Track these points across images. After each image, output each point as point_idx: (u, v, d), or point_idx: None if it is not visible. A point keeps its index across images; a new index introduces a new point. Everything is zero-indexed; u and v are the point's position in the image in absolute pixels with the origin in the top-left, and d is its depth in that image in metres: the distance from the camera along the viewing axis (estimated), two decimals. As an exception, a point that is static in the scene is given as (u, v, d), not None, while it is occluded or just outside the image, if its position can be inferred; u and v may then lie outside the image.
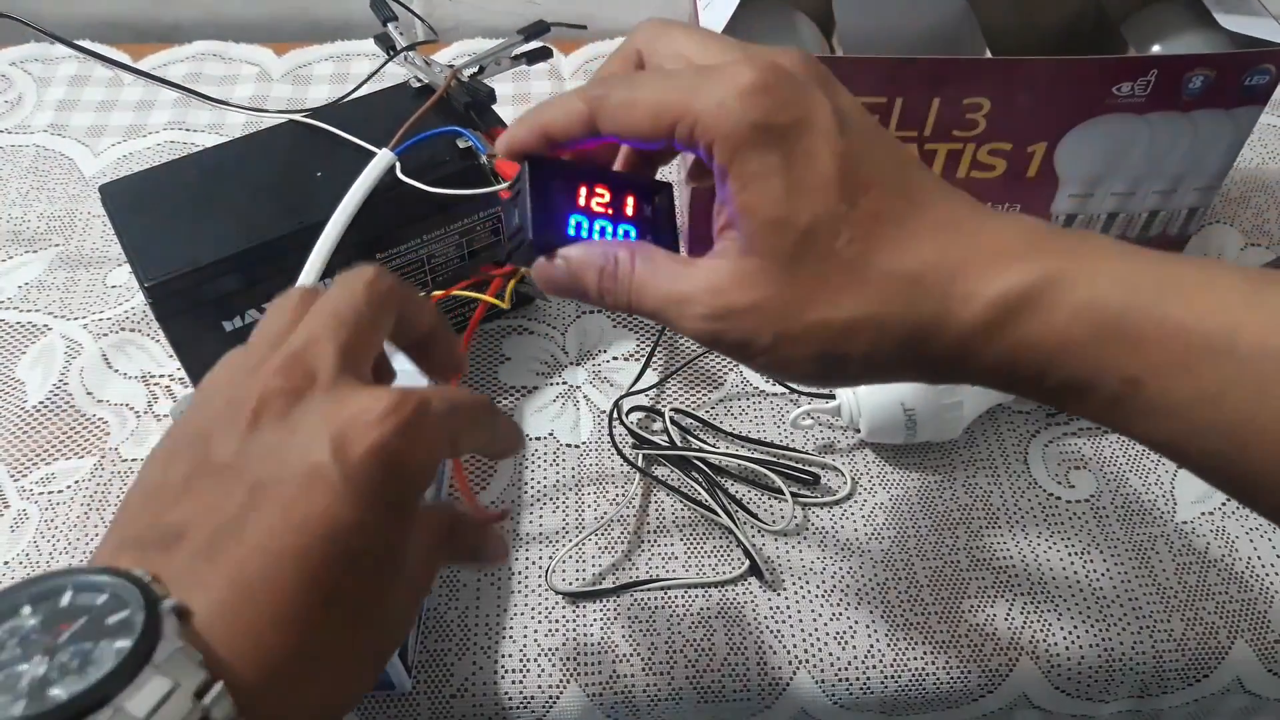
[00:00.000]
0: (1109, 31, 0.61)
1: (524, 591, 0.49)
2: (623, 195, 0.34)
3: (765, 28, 0.59)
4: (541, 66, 0.66)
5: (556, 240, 0.33)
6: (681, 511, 0.52)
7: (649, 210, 0.34)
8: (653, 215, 0.34)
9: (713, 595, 0.49)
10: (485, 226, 0.54)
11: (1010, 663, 0.47)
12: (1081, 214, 0.62)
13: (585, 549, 0.51)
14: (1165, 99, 0.55)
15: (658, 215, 0.34)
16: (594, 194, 0.33)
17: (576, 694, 0.46)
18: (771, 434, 0.55)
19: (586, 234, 0.33)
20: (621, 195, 0.34)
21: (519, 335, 0.60)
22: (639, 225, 0.34)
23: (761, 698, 0.46)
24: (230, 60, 0.79)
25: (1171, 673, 0.48)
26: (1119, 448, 0.55)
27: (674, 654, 0.47)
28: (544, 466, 0.54)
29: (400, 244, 0.52)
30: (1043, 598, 0.49)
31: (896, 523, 0.52)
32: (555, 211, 0.33)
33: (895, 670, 0.47)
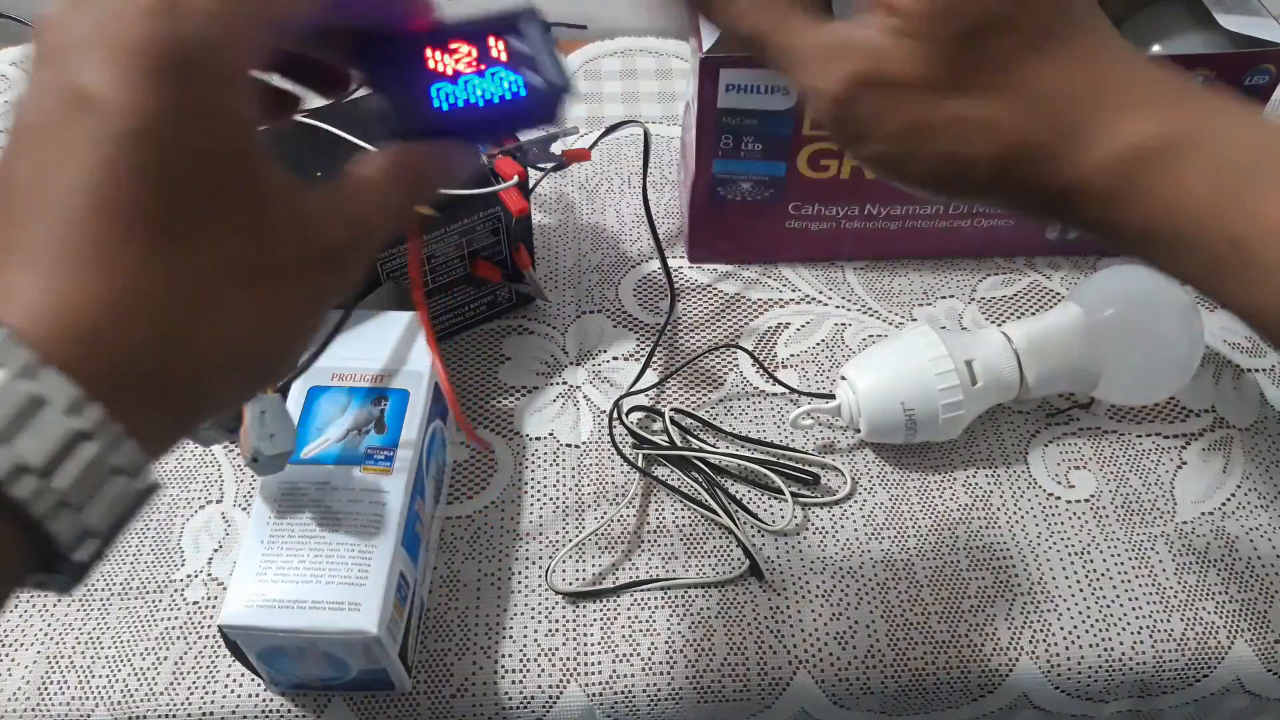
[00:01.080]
0: (1109, 31, 0.61)
1: (524, 591, 0.49)
2: (484, 40, 0.30)
3: (765, 28, 0.59)
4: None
5: (423, 122, 0.30)
6: (681, 511, 0.52)
7: (519, 42, 0.31)
8: (525, 45, 0.31)
9: (712, 595, 0.49)
10: (485, 226, 0.55)
11: (1010, 663, 0.47)
12: (1081, 214, 0.62)
13: (585, 549, 0.51)
14: (1165, 99, 0.55)
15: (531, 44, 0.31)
16: (450, 53, 0.30)
17: (576, 694, 0.46)
18: (771, 434, 0.55)
19: (459, 101, 0.30)
20: (483, 40, 0.30)
21: (519, 335, 0.60)
22: (514, 67, 0.30)
23: (761, 698, 0.46)
24: (230, 60, 0.79)
25: (1171, 673, 0.48)
26: (1119, 448, 0.55)
27: (674, 654, 0.47)
28: (544, 466, 0.54)
29: (400, 244, 0.52)
30: (1043, 598, 0.49)
31: (896, 523, 0.52)
32: (413, 90, 0.29)
33: (895, 670, 0.47)
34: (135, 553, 0.50)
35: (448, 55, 0.30)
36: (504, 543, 0.51)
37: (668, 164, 0.70)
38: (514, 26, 0.31)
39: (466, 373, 0.58)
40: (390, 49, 0.30)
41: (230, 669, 0.46)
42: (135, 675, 0.46)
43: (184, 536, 0.51)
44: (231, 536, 0.51)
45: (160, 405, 0.23)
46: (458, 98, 0.30)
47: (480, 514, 0.52)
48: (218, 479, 0.53)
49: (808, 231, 0.62)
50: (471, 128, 0.31)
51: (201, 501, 0.52)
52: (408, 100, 0.30)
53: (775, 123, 0.56)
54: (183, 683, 0.46)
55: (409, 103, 0.30)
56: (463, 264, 0.55)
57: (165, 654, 0.47)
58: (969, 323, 0.61)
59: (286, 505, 0.43)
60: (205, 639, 0.47)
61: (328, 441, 0.45)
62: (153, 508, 0.52)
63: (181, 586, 0.49)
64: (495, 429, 0.55)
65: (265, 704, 0.45)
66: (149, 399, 0.23)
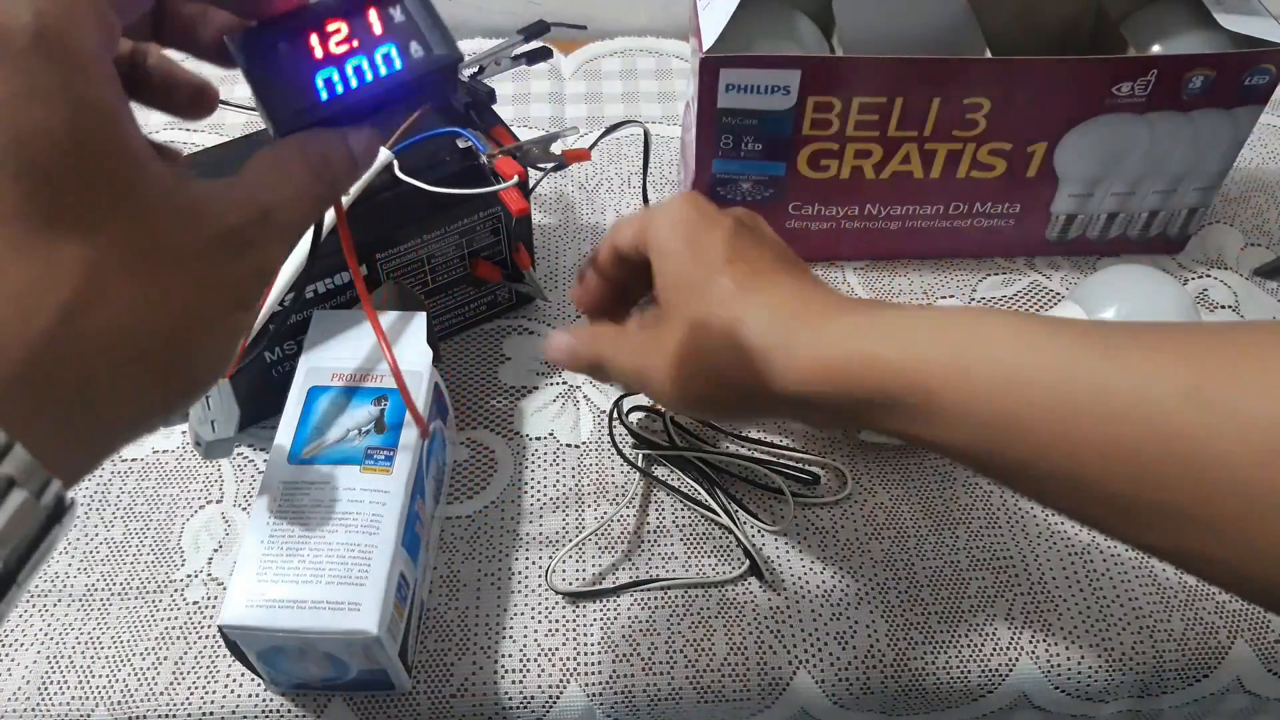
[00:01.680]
0: (1109, 31, 0.61)
1: (524, 591, 0.49)
2: (361, 15, 0.29)
3: (765, 28, 0.59)
4: (541, 66, 0.66)
5: (311, 114, 0.28)
6: (681, 511, 0.52)
7: (398, 12, 0.29)
8: (406, 16, 0.29)
9: (712, 595, 0.49)
10: (485, 226, 0.54)
11: (1010, 663, 0.47)
12: (1081, 214, 0.62)
13: (585, 549, 0.51)
14: (1165, 99, 0.55)
15: (411, 13, 0.29)
16: (328, 35, 0.28)
17: (576, 694, 0.46)
18: (772, 434, 0.55)
19: (344, 86, 0.28)
20: (360, 16, 0.29)
21: (519, 335, 0.60)
22: (397, 39, 0.29)
23: (761, 698, 0.46)
24: (230, 60, 0.79)
25: (1171, 673, 0.48)
26: (1119, 448, 0.55)
27: (674, 654, 0.47)
28: (544, 466, 0.54)
29: (400, 244, 0.52)
30: (1043, 598, 0.49)
31: (896, 523, 0.52)
32: (295, 80, 0.28)
33: (895, 670, 0.47)
34: (135, 553, 0.50)
35: (326, 37, 0.28)
36: (504, 543, 0.51)
37: (668, 164, 0.70)
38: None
39: (466, 373, 0.58)
40: (263, 38, 0.29)
41: (230, 669, 0.46)
42: (135, 675, 0.46)
43: (184, 536, 0.51)
44: (231, 536, 0.51)
45: (51, 407, 0.22)
46: (342, 83, 0.28)
47: (480, 514, 0.52)
48: (218, 479, 0.53)
49: (808, 231, 0.62)
50: (361, 113, 0.29)
51: (201, 501, 0.52)
52: (290, 94, 0.28)
53: (775, 123, 0.56)
54: (183, 683, 0.46)
55: (292, 97, 0.28)
56: (463, 264, 0.55)
57: (165, 654, 0.47)
58: (969, 323, 0.61)
59: (286, 505, 0.43)
60: (205, 639, 0.47)
61: (327, 442, 0.45)
62: (153, 508, 0.52)
63: (181, 586, 0.49)
64: (495, 429, 0.55)
65: (265, 704, 0.45)
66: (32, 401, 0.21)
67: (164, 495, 0.52)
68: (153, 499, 0.52)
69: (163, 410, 0.25)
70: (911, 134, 0.56)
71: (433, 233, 0.53)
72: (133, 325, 0.23)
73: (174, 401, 0.25)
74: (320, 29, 0.28)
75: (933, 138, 0.56)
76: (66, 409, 0.22)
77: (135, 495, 0.52)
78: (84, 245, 0.22)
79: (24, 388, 0.21)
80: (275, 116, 0.28)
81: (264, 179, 0.27)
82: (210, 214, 0.25)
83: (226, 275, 0.25)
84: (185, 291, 0.24)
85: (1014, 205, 0.61)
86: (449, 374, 0.58)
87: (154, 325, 0.23)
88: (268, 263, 0.27)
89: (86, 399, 0.23)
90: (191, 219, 0.24)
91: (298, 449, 0.45)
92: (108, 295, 0.22)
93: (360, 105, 0.29)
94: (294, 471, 0.44)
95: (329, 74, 0.28)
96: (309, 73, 0.28)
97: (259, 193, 0.26)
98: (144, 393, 0.24)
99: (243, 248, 0.25)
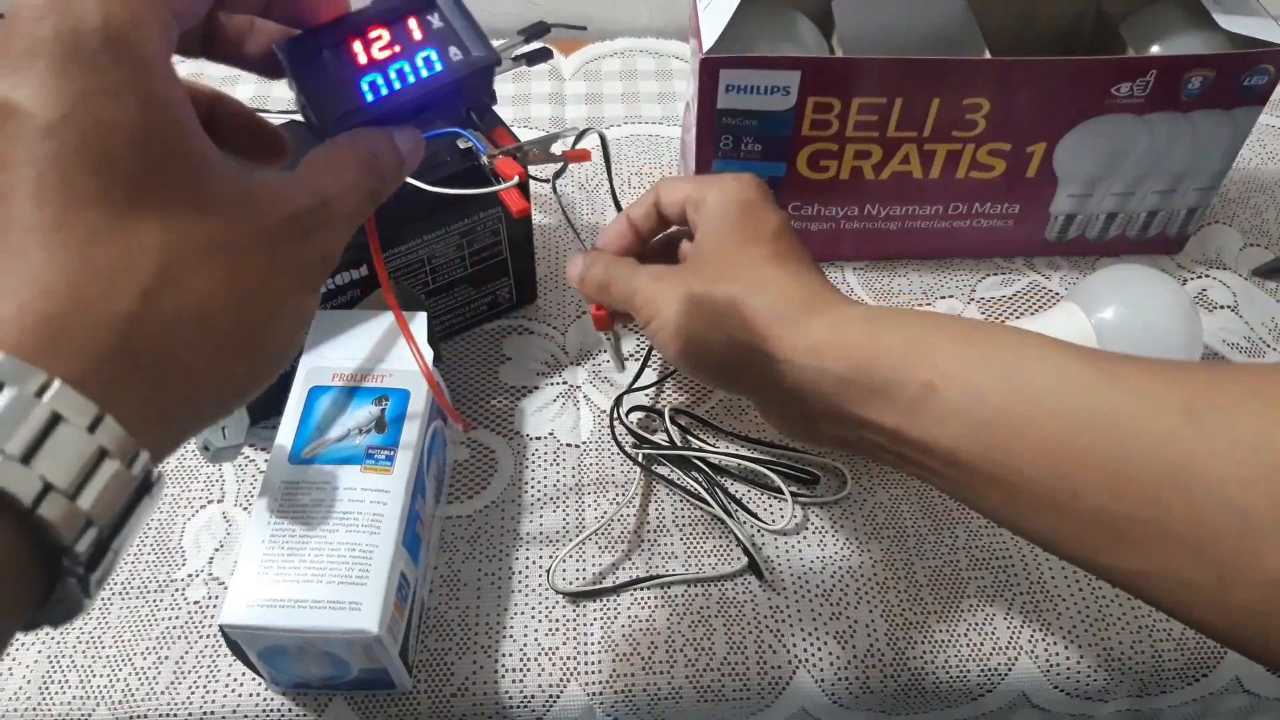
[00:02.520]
0: (1109, 31, 0.61)
1: (524, 591, 0.49)
2: (401, 22, 0.30)
3: (765, 28, 0.59)
4: (541, 67, 0.67)
5: (358, 115, 0.29)
6: (681, 511, 0.52)
7: (435, 18, 0.30)
8: (444, 22, 0.30)
9: (713, 595, 0.49)
10: (485, 226, 0.55)
11: (1010, 662, 0.47)
12: (1080, 214, 0.62)
13: (585, 548, 0.51)
14: (1164, 99, 0.55)
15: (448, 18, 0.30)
16: (370, 42, 0.30)
17: (577, 693, 0.46)
18: (771, 434, 0.55)
19: (387, 89, 0.30)
20: (400, 23, 0.30)
21: (519, 335, 0.60)
22: (436, 44, 0.30)
23: (761, 697, 0.47)
24: (230, 60, 0.79)
25: (1171, 672, 0.48)
26: (1118, 447, 0.55)
27: (674, 653, 0.47)
28: (544, 466, 0.54)
29: (400, 244, 0.52)
30: (1043, 598, 0.49)
31: (896, 523, 0.52)
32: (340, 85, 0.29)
33: (895, 670, 0.47)
34: (136, 552, 0.50)
35: (369, 44, 0.29)
36: (504, 543, 0.51)
37: (668, 164, 0.70)
38: (430, 2, 0.30)
39: (466, 373, 0.58)
40: (308, 46, 0.30)
41: (231, 669, 0.46)
42: (136, 675, 0.46)
43: (185, 536, 0.51)
44: (232, 536, 0.51)
45: (137, 383, 0.23)
46: (386, 86, 0.30)
47: (480, 514, 0.52)
48: (218, 479, 0.53)
49: (807, 231, 0.62)
50: (404, 114, 0.30)
51: (202, 501, 0.52)
52: (337, 98, 0.29)
53: (775, 123, 0.56)
54: (183, 682, 0.46)
55: (339, 101, 0.29)
56: (463, 264, 0.56)
57: (166, 654, 0.47)
58: (968, 323, 0.61)
59: (287, 505, 0.43)
60: (206, 639, 0.47)
61: (328, 441, 0.45)
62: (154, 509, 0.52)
63: (182, 586, 0.49)
64: (495, 429, 0.55)
65: (266, 704, 0.45)
66: (121, 377, 0.22)
67: (165, 495, 0.52)
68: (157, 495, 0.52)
69: (240, 390, 0.26)
70: (911, 134, 0.56)
71: (433, 233, 0.53)
72: (207, 306, 0.24)
73: (250, 381, 0.27)
74: (363, 36, 0.30)
75: (932, 138, 0.57)
76: (151, 385, 0.23)
77: (136, 495, 0.52)
78: (159, 230, 0.23)
79: (112, 364, 0.22)
80: (323, 119, 0.29)
81: (320, 172, 0.28)
82: (273, 202, 0.26)
83: (292, 258, 0.26)
84: (254, 273, 0.25)
85: (1013, 205, 0.61)
86: (450, 374, 0.58)
87: (226, 306, 0.25)
88: (329, 247, 0.28)
89: (169, 375, 0.24)
90: (256, 206, 0.26)
91: (298, 449, 0.45)
92: (183, 277, 0.24)
93: (404, 107, 0.30)
94: (295, 471, 0.44)
95: (373, 78, 0.30)
96: (354, 77, 0.29)
97: (318, 183, 0.28)
98: (221, 371, 0.25)
99: (305, 233, 0.27)
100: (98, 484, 0.22)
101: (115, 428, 0.22)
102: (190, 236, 0.24)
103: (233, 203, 0.25)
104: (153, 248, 0.23)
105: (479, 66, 0.30)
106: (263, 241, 0.26)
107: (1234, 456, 0.29)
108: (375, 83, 0.30)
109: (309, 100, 0.29)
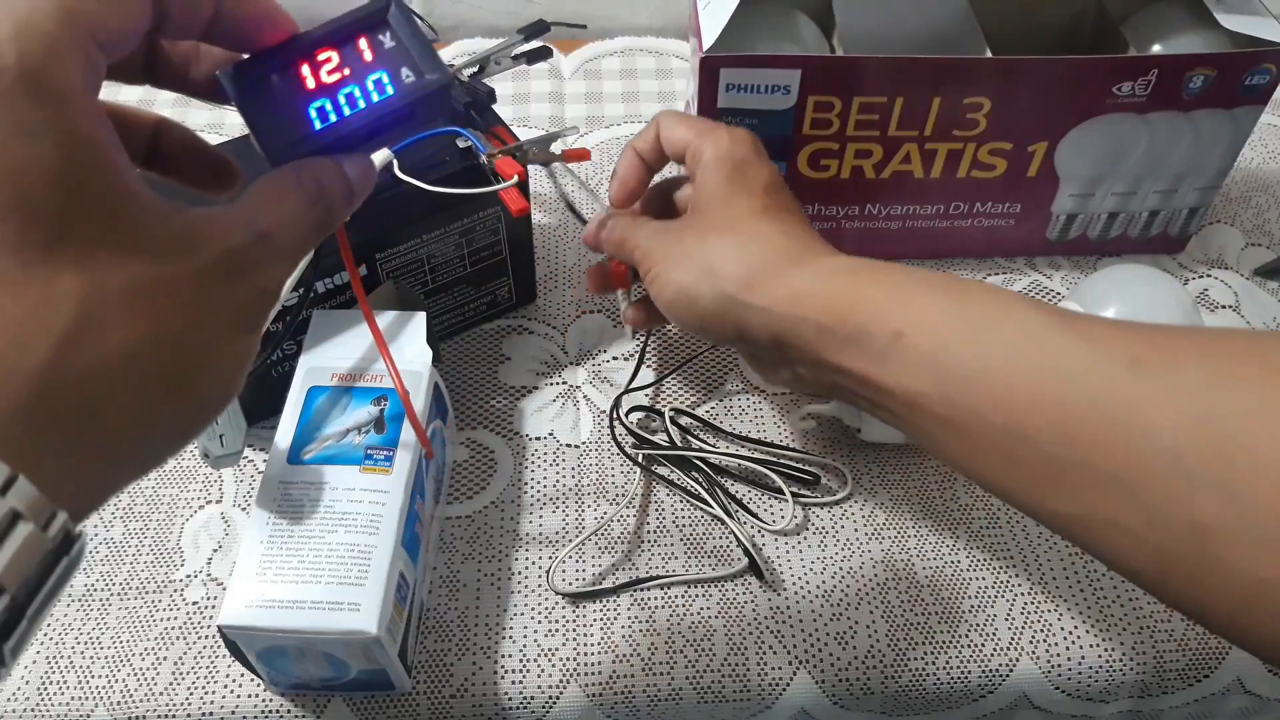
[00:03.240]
0: (1109, 31, 0.61)
1: (524, 592, 0.49)
2: (351, 43, 0.29)
3: (765, 28, 0.59)
4: (541, 66, 0.66)
5: (305, 144, 0.28)
6: (681, 512, 0.52)
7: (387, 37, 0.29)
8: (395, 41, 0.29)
9: (713, 595, 0.49)
10: (485, 226, 0.54)
11: (1010, 663, 0.47)
12: (1082, 213, 0.62)
13: (585, 549, 0.51)
14: (1165, 99, 0.55)
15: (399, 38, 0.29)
16: (318, 65, 0.28)
17: (576, 694, 0.46)
18: (771, 434, 0.55)
19: (336, 115, 0.28)
20: (350, 44, 0.29)
21: (519, 335, 0.60)
22: (388, 66, 0.29)
23: (761, 698, 0.46)
24: (230, 60, 0.79)
25: (1171, 673, 0.48)
26: (1119, 448, 0.55)
27: (674, 654, 0.47)
28: (544, 466, 0.54)
29: (400, 244, 0.52)
30: (1043, 598, 0.49)
31: (896, 523, 0.52)
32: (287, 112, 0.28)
33: (895, 670, 0.47)
34: (135, 553, 0.50)
35: (317, 67, 0.29)
36: (504, 543, 0.51)
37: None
38: (381, 20, 0.29)
39: (466, 373, 0.58)
40: (255, 71, 0.29)
41: (230, 669, 0.46)
42: (135, 675, 0.46)
43: (183, 537, 0.51)
44: (231, 536, 0.51)
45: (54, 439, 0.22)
46: (335, 112, 0.29)
47: (480, 514, 0.52)
48: (217, 479, 0.53)
49: (808, 231, 0.62)
50: (355, 140, 0.29)
51: (201, 501, 0.52)
52: (284, 126, 0.28)
53: (775, 122, 0.55)
54: (182, 683, 0.46)
55: (285, 128, 0.28)
56: (462, 263, 0.55)
57: (165, 654, 0.47)
58: (969, 323, 0.61)
59: (286, 505, 0.43)
60: (205, 639, 0.47)
61: (327, 441, 0.45)
62: (152, 508, 0.52)
63: (181, 587, 0.49)
64: (495, 429, 0.55)
65: (265, 704, 0.45)
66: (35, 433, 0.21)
67: (163, 495, 0.52)
68: (152, 499, 0.52)
69: (171, 439, 0.25)
70: (912, 134, 0.56)
71: (433, 233, 0.53)
72: (133, 352, 0.23)
73: (182, 429, 0.26)
74: (311, 59, 0.29)
75: (933, 137, 0.56)
76: (70, 440, 0.22)
77: (135, 495, 0.52)
78: (79, 276, 0.22)
79: (25, 420, 0.21)
80: (269, 149, 0.28)
81: (260, 204, 0.27)
82: (207, 238, 0.25)
83: (227, 298, 0.25)
84: (185, 316, 0.24)
85: (1014, 205, 0.61)
86: (449, 374, 0.58)
87: (154, 351, 0.23)
88: (269, 285, 0.27)
89: (90, 429, 0.23)
90: (189, 244, 0.24)
91: (297, 449, 0.45)
92: (105, 324, 0.22)
93: (354, 133, 0.29)
94: (293, 471, 0.44)
95: (322, 103, 0.28)
96: (302, 103, 0.28)
97: (256, 217, 0.26)
98: (150, 419, 0.24)
99: (242, 270, 0.26)
100: (9, 549, 0.20)
101: (28, 489, 0.21)
102: (113, 280, 0.23)
103: (162, 241, 0.24)
104: (72, 293, 0.22)
105: (432, 89, 0.29)
106: (194, 281, 0.24)
107: (1173, 404, 0.30)
108: (324, 108, 0.29)
109: (254, 129, 0.29)
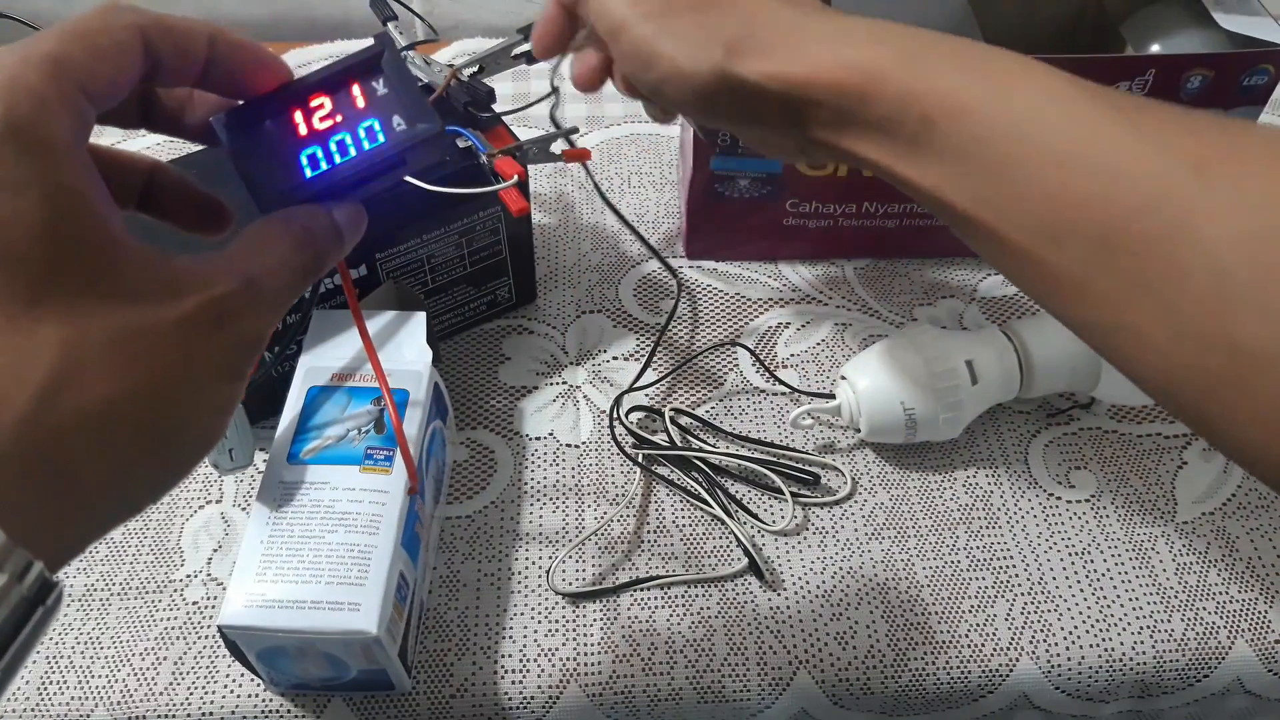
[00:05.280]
0: (1109, 31, 0.61)
1: (524, 592, 0.49)
2: (344, 89, 0.29)
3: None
4: (541, 66, 0.66)
5: (296, 193, 0.28)
6: (682, 511, 0.52)
7: (380, 84, 0.29)
8: (388, 88, 0.29)
9: (713, 595, 0.49)
10: (485, 226, 0.54)
11: (1010, 663, 0.47)
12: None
13: (585, 549, 0.51)
14: (1164, 98, 0.55)
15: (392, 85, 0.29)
16: (311, 111, 0.29)
17: (576, 694, 0.46)
18: (771, 434, 0.55)
19: (328, 163, 0.29)
20: (343, 90, 0.29)
21: (519, 335, 0.60)
22: (380, 114, 0.29)
23: (761, 698, 0.46)
24: (229, 60, 0.79)
25: (1172, 673, 0.48)
26: (1119, 448, 0.55)
27: (674, 654, 0.47)
28: (544, 466, 0.54)
29: (400, 244, 0.52)
30: (1043, 598, 0.49)
31: (896, 523, 0.52)
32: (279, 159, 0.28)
33: (895, 670, 0.47)
34: (135, 553, 0.50)
35: (309, 114, 0.29)
36: (504, 543, 0.51)
37: (668, 164, 0.70)
38: (375, 67, 0.29)
39: (466, 373, 0.58)
40: (248, 117, 0.29)
41: (230, 669, 0.46)
42: (135, 675, 0.46)
43: (183, 536, 0.51)
44: (231, 536, 0.51)
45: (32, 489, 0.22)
46: (326, 160, 0.29)
47: (480, 514, 0.52)
48: (217, 479, 0.53)
49: (805, 229, 0.62)
50: (345, 188, 0.29)
51: (201, 501, 0.52)
52: (275, 174, 0.28)
53: (775, 122, 0.55)
54: (182, 683, 0.46)
55: (276, 176, 0.28)
56: (462, 263, 0.55)
57: (165, 654, 0.47)
58: (969, 322, 0.61)
59: (286, 505, 0.43)
60: (205, 639, 0.47)
61: (327, 441, 0.45)
62: (153, 508, 0.52)
63: (181, 587, 0.49)
64: (495, 429, 0.55)
65: (265, 704, 0.45)
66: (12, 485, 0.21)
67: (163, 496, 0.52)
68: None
69: (152, 488, 0.25)
70: (911, 134, 0.56)
71: (433, 233, 0.53)
72: (114, 402, 0.23)
73: (163, 478, 0.26)
74: (304, 105, 0.29)
75: (932, 137, 0.56)
76: (48, 490, 0.22)
77: (134, 495, 0.52)
78: (61, 327, 0.22)
79: (2, 471, 0.21)
80: (260, 196, 0.28)
81: (248, 250, 0.27)
82: (192, 286, 0.25)
83: (212, 346, 0.25)
84: (168, 365, 0.24)
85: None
86: (449, 374, 0.58)
87: (135, 402, 0.23)
88: (254, 333, 0.27)
89: (69, 479, 0.23)
90: (173, 292, 0.25)
91: (297, 449, 0.45)
92: (86, 374, 0.23)
93: (344, 181, 0.29)
94: (293, 471, 0.44)
95: (313, 151, 0.28)
96: (293, 151, 0.28)
97: (243, 264, 0.26)
98: (129, 470, 0.24)
99: (227, 318, 0.26)
100: None
101: (2, 539, 0.21)
102: (95, 330, 0.23)
103: (147, 290, 0.24)
104: (53, 344, 0.22)
105: (422, 138, 0.29)
106: (178, 330, 0.24)
107: (1233, 218, 0.28)
108: (315, 156, 0.29)
109: (246, 178, 0.29)
